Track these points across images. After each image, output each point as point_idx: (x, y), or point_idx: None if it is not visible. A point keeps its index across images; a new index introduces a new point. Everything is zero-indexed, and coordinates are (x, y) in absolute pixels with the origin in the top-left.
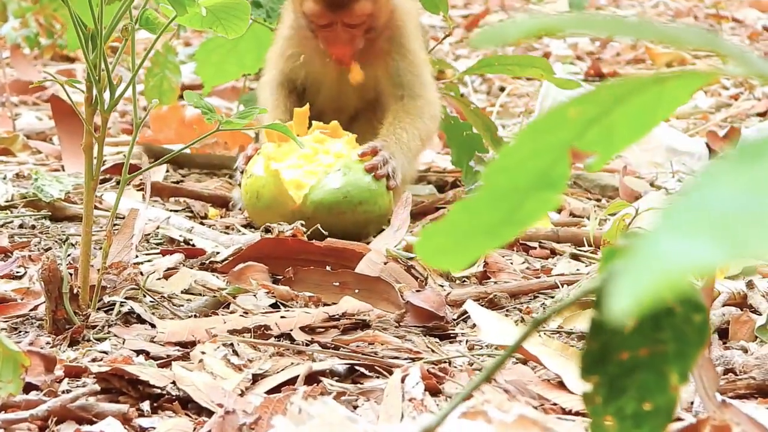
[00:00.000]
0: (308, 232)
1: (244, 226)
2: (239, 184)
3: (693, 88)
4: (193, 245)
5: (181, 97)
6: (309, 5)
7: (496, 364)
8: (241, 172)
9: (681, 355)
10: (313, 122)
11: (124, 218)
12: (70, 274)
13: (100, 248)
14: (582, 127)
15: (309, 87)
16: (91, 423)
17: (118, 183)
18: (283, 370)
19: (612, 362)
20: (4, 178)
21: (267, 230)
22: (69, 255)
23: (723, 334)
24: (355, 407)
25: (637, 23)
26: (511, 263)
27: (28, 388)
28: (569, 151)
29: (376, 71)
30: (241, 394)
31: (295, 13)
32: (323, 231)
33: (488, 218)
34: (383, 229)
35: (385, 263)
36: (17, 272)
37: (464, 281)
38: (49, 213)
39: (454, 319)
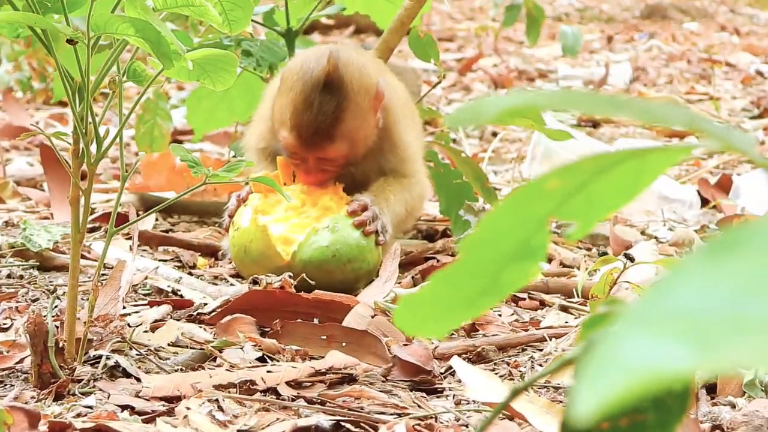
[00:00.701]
0: (295, 283)
1: (233, 276)
2: (226, 229)
3: (674, 160)
4: (181, 296)
5: (172, 143)
6: (284, 135)
7: (483, 425)
8: (230, 217)
9: (662, 425)
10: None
11: (111, 268)
12: (56, 327)
13: (86, 299)
14: (562, 198)
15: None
16: None
17: (106, 232)
18: (268, 426)
19: None
20: None
21: (255, 282)
22: (56, 307)
23: (711, 389)
24: None
25: (618, 101)
26: (500, 315)
27: None
28: (549, 222)
29: (365, 168)
30: None
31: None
32: (310, 281)
33: (467, 289)
34: (373, 280)
35: (373, 316)
36: (4, 324)
37: (452, 334)
38: (38, 263)
39: (442, 373)
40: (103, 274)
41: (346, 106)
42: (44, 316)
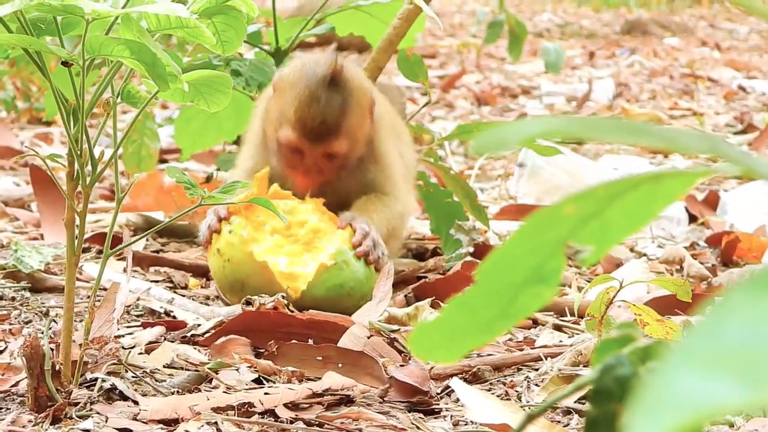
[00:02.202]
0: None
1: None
2: (206, 244)
3: (688, 185)
4: (174, 317)
5: (159, 162)
6: (285, 133)
7: None
8: (212, 232)
9: None
10: (273, 185)
11: (104, 289)
12: (52, 350)
13: (81, 321)
14: (578, 224)
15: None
16: None
17: (98, 253)
18: None
19: None
20: None
21: (248, 302)
22: (50, 329)
23: None
24: None
25: (641, 128)
26: None
27: None
28: (564, 247)
29: (349, 182)
30: None
31: (264, 134)
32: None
33: (483, 314)
34: None
35: (369, 337)
36: None
37: None
38: (29, 284)
39: (438, 394)
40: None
41: (351, 102)
42: (40, 338)
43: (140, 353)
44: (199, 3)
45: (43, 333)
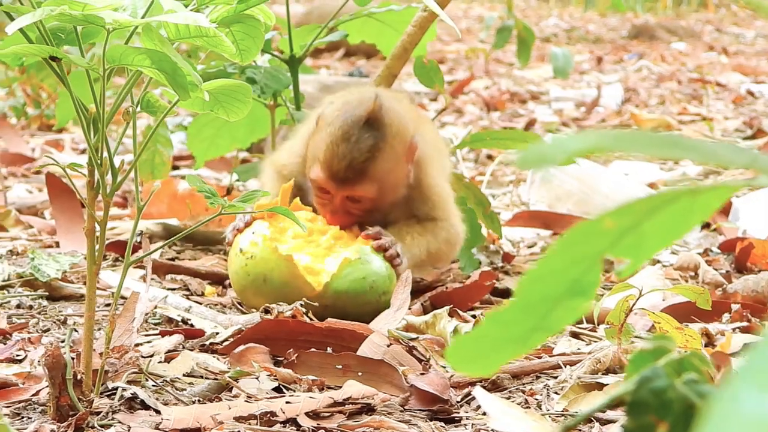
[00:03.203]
0: (307, 313)
1: (242, 304)
2: (228, 244)
3: (725, 197)
4: (192, 325)
5: (172, 169)
6: (315, 171)
7: None
8: (237, 232)
9: None
10: (296, 198)
11: (123, 297)
12: (72, 359)
13: (99, 329)
14: (615, 237)
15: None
16: None
17: (115, 261)
18: None
19: None
20: (0, 258)
21: (266, 311)
22: (66, 338)
23: None
24: None
25: (684, 143)
26: None
27: None
28: (601, 260)
29: (395, 215)
30: None
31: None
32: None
33: (520, 327)
34: None
35: (388, 345)
36: (17, 356)
37: None
38: (46, 293)
39: (459, 402)
40: (109, 304)
41: (383, 147)
42: (61, 348)
43: (160, 362)
44: (218, 12)
45: (63, 342)
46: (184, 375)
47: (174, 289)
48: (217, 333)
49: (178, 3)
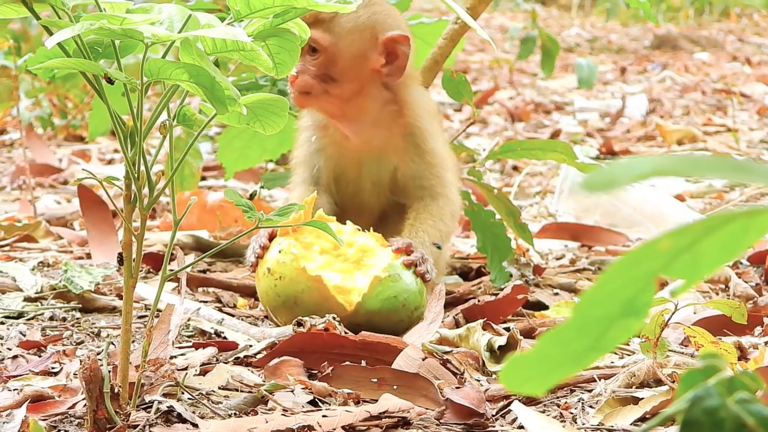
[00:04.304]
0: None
1: None
2: (254, 267)
3: None
4: (225, 338)
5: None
6: None
7: None
8: (263, 249)
9: None
10: (319, 210)
11: (152, 307)
12: (109, 372)
13: (133, 341)
14: (671, 257)
15: (329, 178)
16: None
17: (147, 273)
18: None
19: None
20: (33, 269)
21: (299, 324)
22: (103, 350)
23: None
24: None
25: (746, 166)
26: None
27: None
28: (656, 280)
29: (394, 167)
30: None
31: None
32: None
33: (574, 346)
34: None
35: (423, 359)
36: (52, 368)
37: None
38: (79, 305)
39: (494, 416)
40: (142, 316)
41: (358, 11)
42: (98, 361)
43: (195, 375)
44: (254, 26)
45: (99, 355)
46: (219, 388)
47: (206, 302)
48: (251, 345)
49: (214, 17)
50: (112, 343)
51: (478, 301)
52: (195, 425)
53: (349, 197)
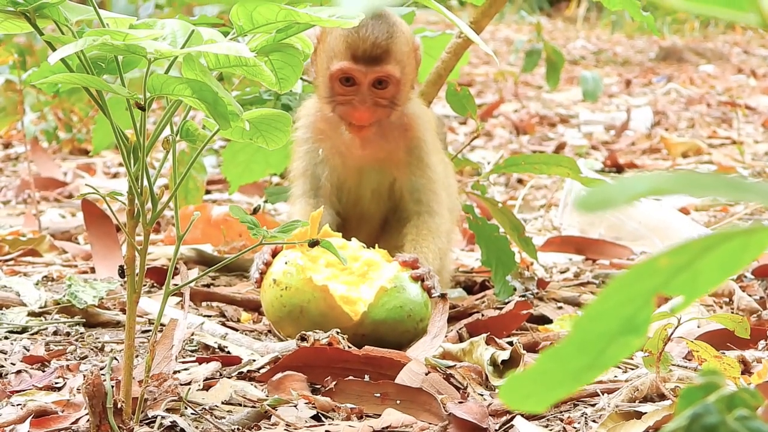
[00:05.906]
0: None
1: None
2: (258, 283)
3: None
4: (229, 352)
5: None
6: (338, 63)
7: None
8: (266, 265)
9: None
10: (325, 226)
11: (155, 322)
12: (112, 387)
13: (136, 356)
14: (670, 275)
15: (330, 189)
16: None
17: (150, 287)
18: None
19: None
20: (37, 284)
21: (303, 338)
22: (107, 365)
23: None
24: None
25: (745, 184)
26: None
27: None
28: (655, 298)
29: (393, 178)
30: None
31: (318, 85)
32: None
33: (573, 364)
34: None
35: (426, 373)
36: (56, 383)
37: None
38: (83, 319)
39: (497, 430)
40: (145, 331)
41: (398, 29)
42: (101, 376)
43: (198, 389)
44: (257, 41)
45: (103, 370)
46: (222, 403)
47: (210, 316)
48: (254, 360)
49: (217, 32)
50: (116, 358)
51: (482, 315)
52: None
53: (351, 206)
